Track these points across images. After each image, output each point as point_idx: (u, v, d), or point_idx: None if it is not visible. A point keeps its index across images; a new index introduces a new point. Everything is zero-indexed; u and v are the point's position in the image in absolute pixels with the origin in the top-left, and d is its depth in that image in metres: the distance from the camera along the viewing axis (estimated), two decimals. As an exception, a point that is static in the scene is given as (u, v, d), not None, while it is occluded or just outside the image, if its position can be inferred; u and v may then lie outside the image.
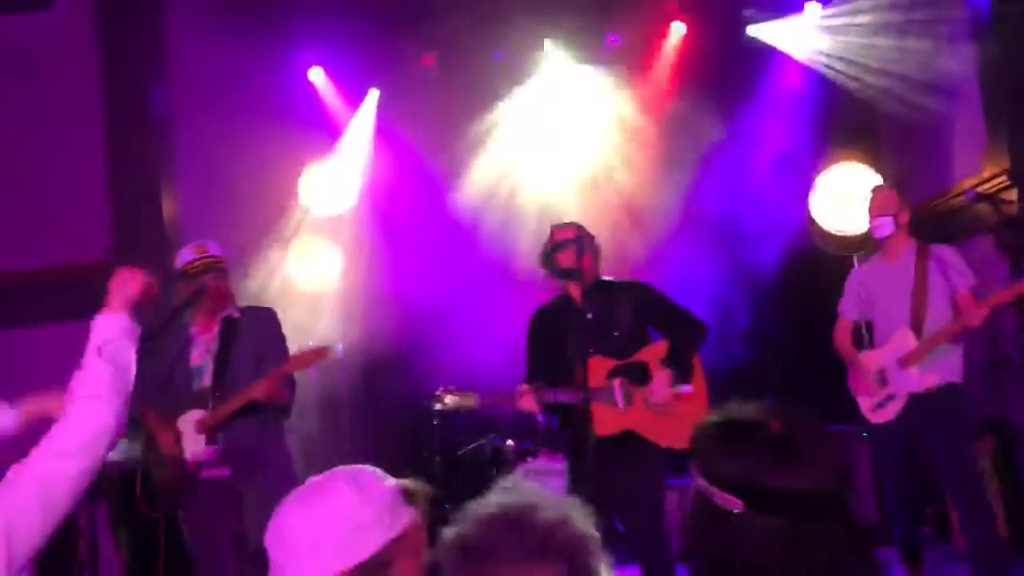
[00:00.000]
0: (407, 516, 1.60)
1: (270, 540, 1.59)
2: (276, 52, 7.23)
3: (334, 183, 7.40)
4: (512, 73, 7.47)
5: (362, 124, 7.59)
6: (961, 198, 5.44)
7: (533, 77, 7.49)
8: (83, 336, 6.57)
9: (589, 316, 4.22)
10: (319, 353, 4.22)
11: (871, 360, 4.80)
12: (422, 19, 7.18)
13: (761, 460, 1.32)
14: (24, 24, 6.76)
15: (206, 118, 6.77)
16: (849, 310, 5.01)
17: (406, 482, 1.65)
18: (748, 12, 7.44)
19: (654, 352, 4.33)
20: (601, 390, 4.19)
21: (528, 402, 4.16)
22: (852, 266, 6.55)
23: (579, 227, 4.50)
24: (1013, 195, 5.70)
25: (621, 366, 4.27)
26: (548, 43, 7.41)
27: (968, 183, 6.03)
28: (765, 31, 7.45)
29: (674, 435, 4.23)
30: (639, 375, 4.30)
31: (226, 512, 4.18)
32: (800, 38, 7.36)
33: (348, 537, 1.53)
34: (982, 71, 6.16)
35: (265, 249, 7.04)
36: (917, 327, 4.61)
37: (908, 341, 4.62)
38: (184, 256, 4.39)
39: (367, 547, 1.53)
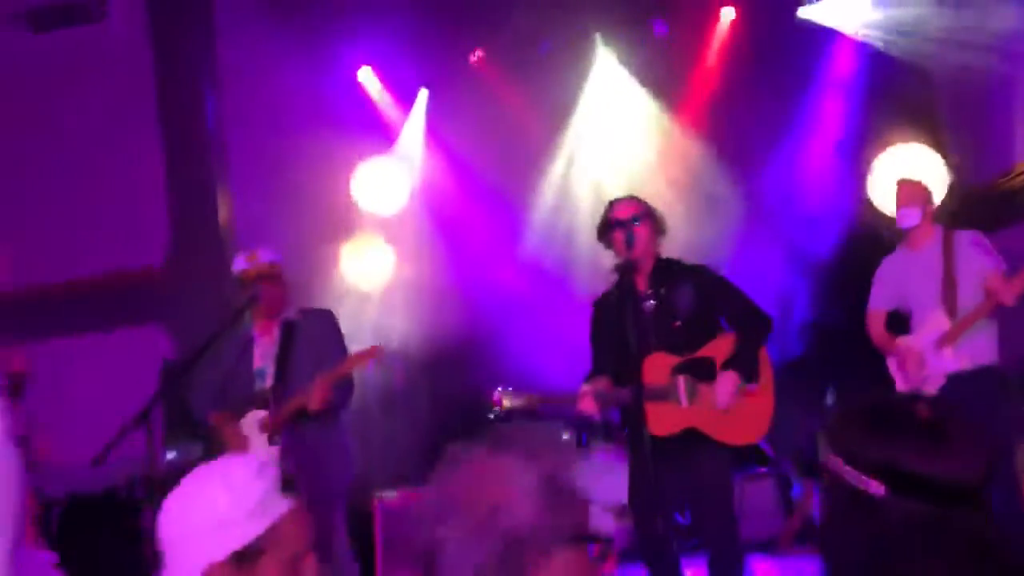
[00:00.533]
0: (280, 509, 1.64)
1: (157, 531, 1.67)
2: (325, 53, 7.30)
3: (388, 182, 7.45)
4: (562, 65, 7.44)
5: (413, 122, 7.62)
6: (1021, 178, 5.30)
7: (584, 68, 7.46)
8: (141, 340, 6.67)
9: (650, 304, 4.11)
10: (367, 355, 4.34)
11: (908, 346, 4.85)
12: (470, 15, 7.18)
13: (909, 444, 1.29)
14: (79, 37, 6.91)
15: (259, 122, 6.88)
16: (880, 302, 5.05)
17: (286, 472, 1.69)
18: None
19: (720, 348, 4.12)
20: (665, 388, 4.04)
21: (588, 405, 4.03)
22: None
23: (638, 204, 4.26)
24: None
25: (685, 363, 4.09)
26: (597, 34, 7.38)
27: (1031, 164, 5.87)
28: (816, 11, 7.31)
29: (737, 431, 4.08)
30: (705, 371, 4.09)
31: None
32: (852, 14, 7.21)
33: (213, 533, 1.59)
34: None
35: (322, 249, 7.11)
36: (950, 310, 4.69)
37: (942, 323, 4.69)
38: (237, 264, 4.50)
39: (233, 542, 1.59)
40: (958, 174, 6.71)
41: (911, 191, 4.92)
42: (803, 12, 7.32)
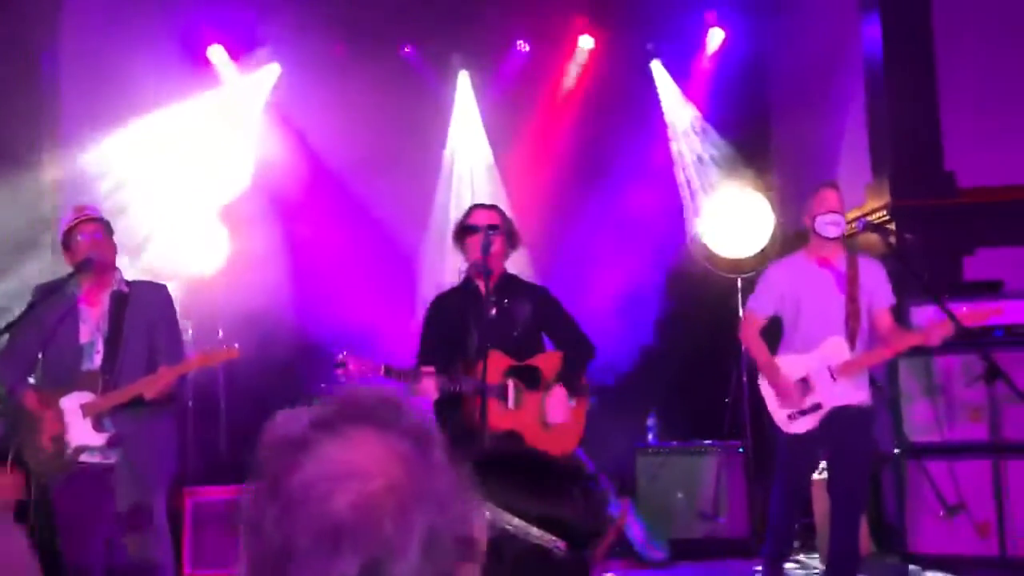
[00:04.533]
0: None
1: None
2: (176, 26, 7.00)
3: (227, 165, 7.17)
4: (419, 70, 7.44)
5: (260, 104, 7.39)
6: (852, 226, 5.64)
7: (442, 75, 7.50)
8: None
9: (492, 310, 4.20)
10: (223, 355, 4.27)
11: (792, 366, 4.59)
12: (333, 9, 7.07)
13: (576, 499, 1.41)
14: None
15: (99, 91, 6.49)
16: (764, 307, 4.75)
17: None
18: (650, 46, 7.63)
19: (548, 361, 4.35)
20: (495, 387, 4.16)
21: (428, 387, 4.05)
22: (734, 286, 6.73)
23: (498, 213, 4.41)
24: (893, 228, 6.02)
25: (517, 367, 4.26)
26: (458, 43, 7.46)
27: (851, 215, 6.33)
28: (660, 77, 7.64)
29: (551, 442, 4.22)
30: (532, 380, 4.29)
31: (101, 496, 4.01)
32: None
33: None
34: (870, 110, 6.50)
35: (153, 229, 6.74)
36: (851, 338, 4.52)
37: (842, 351, 4.52)
38: (66, 220, 4.22)
39: None
40: (782, 219, 7.15)
41: (838, 198, 4.62)
42: (655, 66, 7.65)
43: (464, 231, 4.35)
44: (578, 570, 1.34)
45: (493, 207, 4.50)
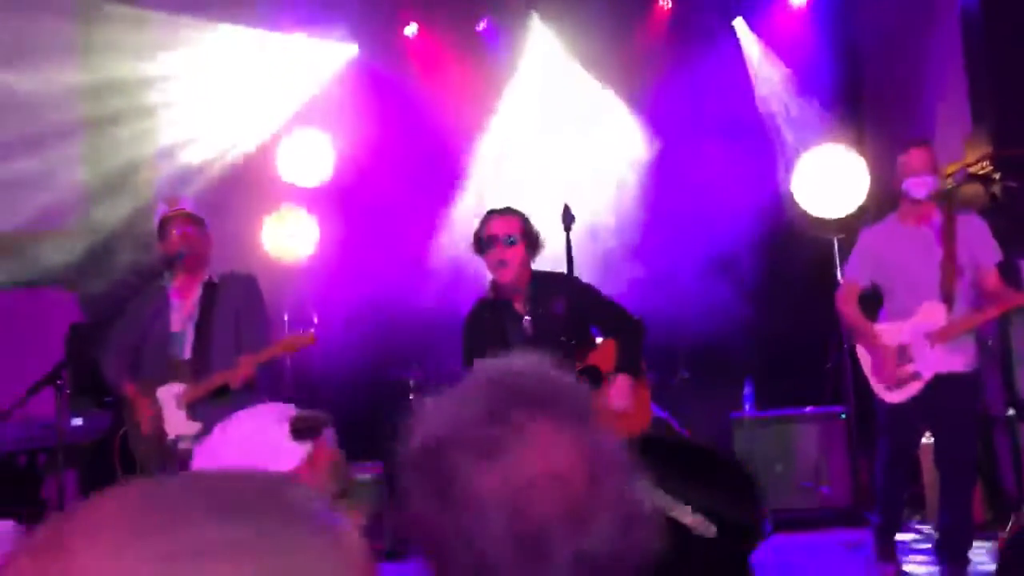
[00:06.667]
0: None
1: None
2: (254, 13, 7.11)
3: (312, 153, 7.27)
4: (497, 44, 7.38)
5: (342, 92, 7.46)
6: (950, 179, 5.38)
7: (520, 49, 7.42)
8: (47, 301, 6.25)
9: (528, 322, 4.05)
10: (301, 341, 4.30)
11: (890, 334, 4.43)
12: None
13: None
14: None
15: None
16: (860, 275, 4.59)
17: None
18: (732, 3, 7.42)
19: (603, 355, 4.19)
20: None
21: None
22: (831, 247, 6.52)
23: (515, 220, 4.09)
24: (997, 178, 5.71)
25: (576, 372, 4.07)
26: (534, 11, 7.36)
27: (950, 168, 6.05)
28: (744, 35, 7.41)
29: (627, 426, 4.09)
30: (592, 380, 4.13)
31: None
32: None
33: (273, 457, 1.78)
34: (968, 58, 6.18)
35: (242, 221, 6.90)
36: (948, 301, 4.32)
37: (938, 316, 4.33)
38: (160, 212, 4.35)
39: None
40: (878, 175, 6.89)
41: (927, 158, 4.41)
42: (738, 23, 7.42)
43: (482, 242, 4.09)
44: (733, 563, 1.28)
45: (509, 211, 4.15)
